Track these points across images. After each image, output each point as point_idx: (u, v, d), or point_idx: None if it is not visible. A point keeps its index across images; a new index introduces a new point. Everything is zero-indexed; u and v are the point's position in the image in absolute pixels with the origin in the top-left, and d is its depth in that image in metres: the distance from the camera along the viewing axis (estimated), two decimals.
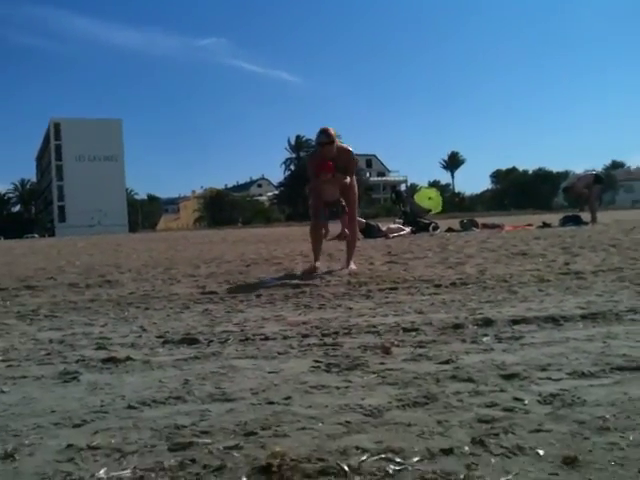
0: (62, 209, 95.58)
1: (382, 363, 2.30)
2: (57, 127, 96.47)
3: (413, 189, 28.94)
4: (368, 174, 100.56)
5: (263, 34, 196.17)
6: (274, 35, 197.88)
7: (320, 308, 3.79)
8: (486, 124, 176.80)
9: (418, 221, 15.36)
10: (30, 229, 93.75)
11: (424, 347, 2.54)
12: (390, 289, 4.47)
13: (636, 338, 2.53)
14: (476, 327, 2.91)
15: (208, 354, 2.60)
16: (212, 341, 2.88)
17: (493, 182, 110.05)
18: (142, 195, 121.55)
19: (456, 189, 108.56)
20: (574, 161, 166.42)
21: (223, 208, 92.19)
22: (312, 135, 6.08)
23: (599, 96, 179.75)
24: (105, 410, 1.87)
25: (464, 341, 2.64)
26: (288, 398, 1.91)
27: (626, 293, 3.75)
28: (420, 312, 3.42)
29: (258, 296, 4.43)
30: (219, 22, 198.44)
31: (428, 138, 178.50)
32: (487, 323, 2.97)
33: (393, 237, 12.92)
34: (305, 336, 2.90)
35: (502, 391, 1.89)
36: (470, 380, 2.02)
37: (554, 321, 2.96)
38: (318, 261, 6.07)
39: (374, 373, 2.16)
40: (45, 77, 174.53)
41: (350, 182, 6.01)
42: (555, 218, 16.89)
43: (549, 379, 2.00)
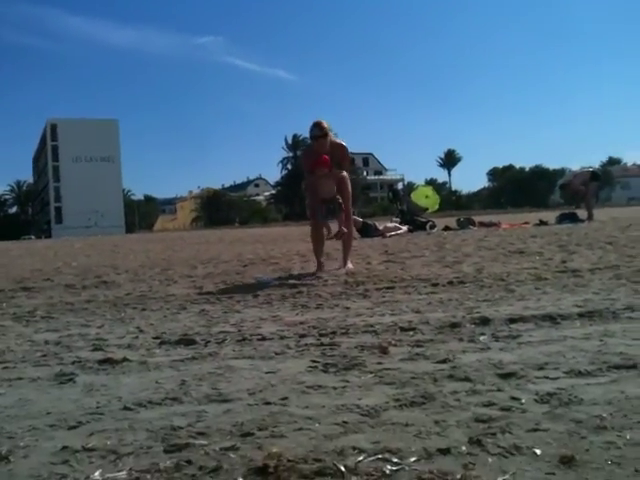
0: (59, 210, 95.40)
1: (379, 363, 2.30)
2: (54, 128, 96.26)
3: (410, 188, 29.00)
4: (365, 173, 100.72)
5: (259, 32, 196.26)
6: (270, 33, 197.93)
7: (317, 308, 3.78)
8: (482, 122, 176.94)
9: (415, 220, 15.36)
10: (27, 230, 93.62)
11: (421, 346, 2.54)
12: (387, 288, 4.47)
13: (633, 336, 2.52)
14: (473, 326, 2.91)
15: (205, 355, 2.59)
16: (209, 342, 2.87)
17: (490, 180, 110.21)
18: (139, 196, 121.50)
19: (453, 187, 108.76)
20: (571, 158, 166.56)
21: (220, 208, 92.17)
22: (308, 133, 6.02)
23: (595, 93, 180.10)
24: (101, 411, 1.87)
25: (461, 340, 2.63)
26: (285, 398, 1.90)
27: (623, 291, 3.75)
28: (417, 311, 3.42)
29: (255, 296, 4.43)
30: (216, 20, 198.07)
31: (425, 136, 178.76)
32: (484, 322, 2.97)
33: (390, 236, 12.91)
34: (302, 336, 2.90)
35: (499, 390, 1.88)
36: (467, 379, 2.01)
37: (551, 319, 2.96)
38: (321, 264, 5.97)
39: (371, 373, 2.16)
40: (41, 76, 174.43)
41: (344, 178, 5.99)
42: (552, 216, 16.91)
43: (546, 378, 1.99)
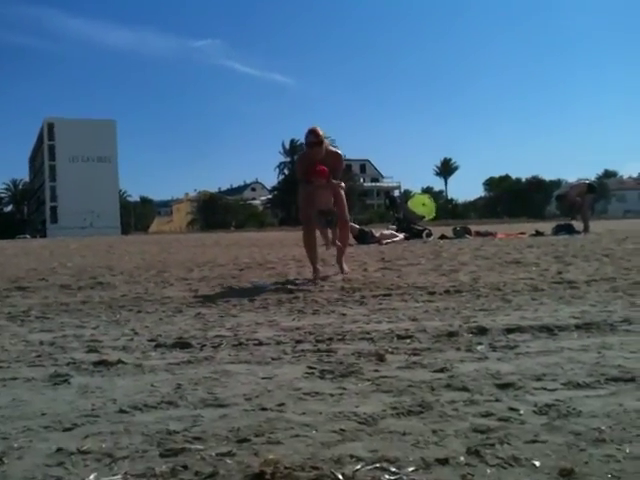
0: (54, 210, 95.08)
1: (376, 370, 2.29)
2: (51, 127, 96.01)
3: (407, 195, 28.94)
4: (362, 179, 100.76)
5: (257, 36, 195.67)
6: (268, 37, 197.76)
7: (314, 314, 3.77)
8: (479, 131, 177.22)
9: (411, 228, 15.37)
10: (22, 230, 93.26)
11: (418, 355, 2.53)
12: (384, 295, 4.46)
13: (630, 349, 2.52)
14: (470, 335, 2.90)
15: (201, 358, 2.58)
16: (205, 345, 2.85)
17: (486, 189, 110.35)
18: (135, 197, 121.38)
19: (449, 196, 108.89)
20: (567, 170, 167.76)
21: (216, 211, 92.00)
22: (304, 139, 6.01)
23: (592, 105, 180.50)
24: (96, 414, 1.85)
25: (459, 349, 2.62)
26: (282, 404, 1.89)
27: (620, 303, 3.75)
28: (414, 319, 3.41)
29: (251, 300, 4.41)
30: (214, 23, 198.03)
31: (422, 144, 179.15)
32: (481, 331, 2.96)
33: (386, 243, 12.91)
34: (299, 342, 2.88)
35: (497, 401, 1.88)
36: (465, 389, 2.00)
37: (549, 330, 2.95)
38: (317, 270, 5.89)
39: (368, 380, 2.15)
40: (38, 76, 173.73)
41: (340, 189, 5.98)
42: (548, 227, 16.95)
43: (544, 389, 1.98)
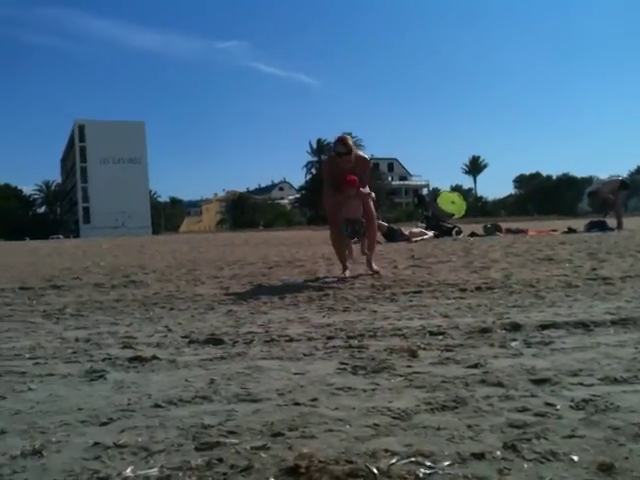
0: (87, 210, 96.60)
1: (409, 366, 2.27)
2: (81, 129, 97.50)
3: (436, 193, 28.74)
4: (390, 178, 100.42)
5: (282, 37, 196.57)
6: (294, 37, 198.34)
7: (344, 311, 3.77)
8: (508, 129, 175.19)
9: (441, 225, 15.27)
10: (55, 230, 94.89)
11: (451, 351, 2.51)
12: (414, 292, 4.44)
13: None
14: (504, 332, 2.87)
15: (233, 354, 2.59)
16: (237, 342, 2.87)
17: (516, 187, 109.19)
18: (165, 198, 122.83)
19: (478, 193, 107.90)
20: (599, 167, 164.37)
21: (245, 211, 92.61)
22: (333, 138, 6.00)
23: (624, 100, 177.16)
24: (132, 409, 1.87)
25: (492, 345, 2.60)
26: (315, 400, 1.89)
27: None
28: (446, 316, 3.38)
29: (282, 298, 4.43)
30: (240, 25, 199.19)
31: (450, 142, 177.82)
32: (515, 328, 2.92)
33: (416, 241, 12.85)
34: (330, 338, 2.88)
35: (533, 396, 1.85)
36: (500, 384, 1.98)
37: (584, 326, 2.90)
38: (347, 269, 5.88)
39: (401, 376, 2.14)
40: (67, 78, 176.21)
41: (369, 198, 5.94)
42: (580, 224, 16.70)
43: (581, 384, 1.95)
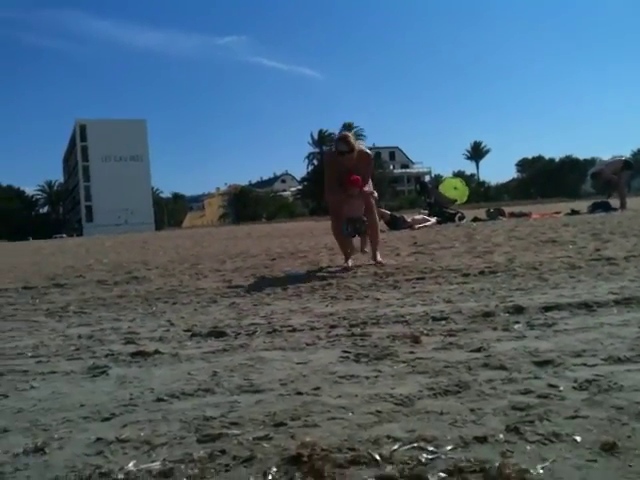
0: (89, 209, 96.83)
1: (412, 352, 2.27)
2: (83, 128, 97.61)
3: (438, 180, 28.68)
4: (391, 166, 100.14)
5: (283, 30, 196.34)
6: (294, 31, 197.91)
7: (347, 299, 3.76)
8: (511, 114, 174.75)
9: (443, 211, 15.22)
10: (58, 229, 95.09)
11: (454, 335, 2.50)
12: (417, 279, 4.43)
13: None
14: (507, 315, 2.86)
15: (236, 346, 2.59)
16: (240, 334, 2.87)
17: (519, 171, 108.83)
18: (167, 194, 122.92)
19: (481, 178, 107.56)
20: (601, 148, 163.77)
21: (247, 204, 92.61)
22: (335, 129, 6.04)
23: (624, 82, 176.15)
24: (134, 403, 1.87)
25: (495, 329, 2.59)
26: (317, 388, 1.89)
27: None
28: (449, 301, 3.37)
29: (284, 289, 4.42)
30: (239, 20, 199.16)
31: (451, 129, 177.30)
32: (518, 310, 2.91)
33: (418, 228, 12.82)
34: (333, 327, 2.88)
35: (536, 378, 1.84)
36: (503, 368, 1.97)
37: (587, 307, 2.89)
38: (350, 259, 5.86)
39: (404, 362, 2.13)
40: (70, 79, 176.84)
41: (372, 197, 5.90)
42: (583, 205, 16.63)
43: (584, 365, 1.94)
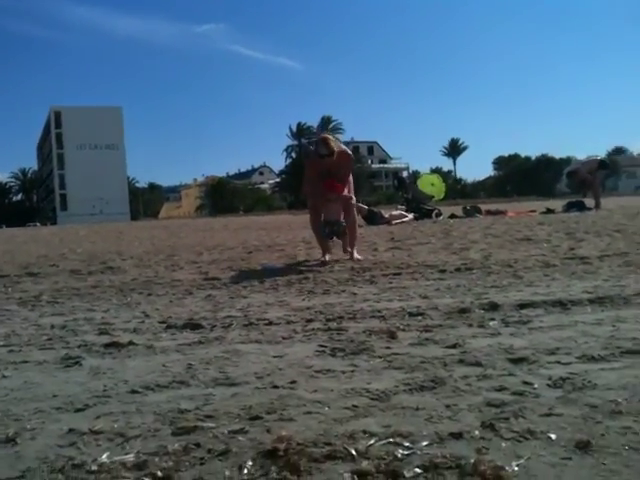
0: (64, 197, 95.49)
1: (388, 347, 2.27)
2: (57, 115, 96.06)
3: (415, 176, 28.83)
4: (369, 161, 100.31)
5: (262, 19, 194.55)
6: (274, 20, 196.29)
7: (324, 294, 3.76)
8: (487, 111, 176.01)
9: (421, 207, 15.29)
10: (32, 218, 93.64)
11: (430, 331, 2.51)
12: (394, 274, 4.44)
13: None
14: (482, 311, 2.88)
15: (211, 339, 2.57)
16: (215, 326, 2.85)
17: (495, 169, 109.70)
18: (143, 184, 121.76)
19: (458, 176, 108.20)
20: (577, 147, 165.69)
21: (224, 196, 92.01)
22: (313, 122, 6.02)
23: (601, 81, 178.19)
24: (108, 394, 1.85)
25: (471, 325, 2.61)
26: (293, 382, 1.88)
27: (633, 277, 3.71)
28: (425, 297, 3.39)
29: (261, 282, 4.41)
30: (217, 7, 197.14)
31: (429, 125, 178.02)
32: (493, 307, 2.94)
33: (396, 224, 12.86)
34: (309, 321, 2.88)
35: (511, 375, 1.86)
36: (478, 364, 1.99)
37: (561, 305, 2.93)
38: (327, 253, 5.80)
39: (380, 357, 2.14)
40: (45, 65, 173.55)
41: (350, 201, 5.88)
42: (558, 204, 16.81)
43: (558, 363, 1.97)
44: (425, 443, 1.37)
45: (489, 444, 1.36)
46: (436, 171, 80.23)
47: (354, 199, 5.98)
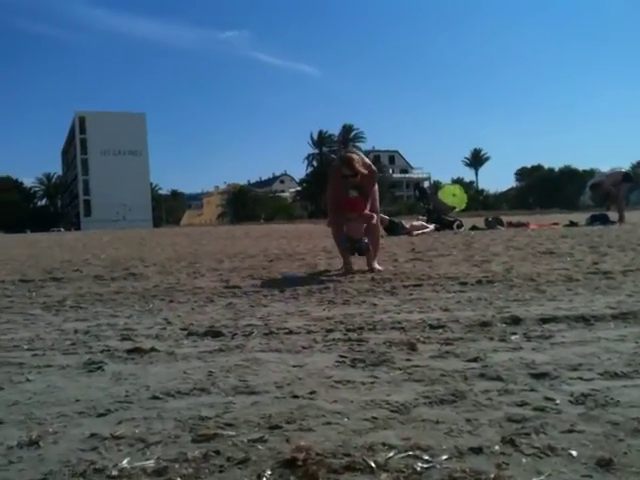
0: (88, 203, 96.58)
1: (408, 359, 2.27)
2: (82, 121, 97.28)
3: (437, 186, 28.72)
4: (391, 171, 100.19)
5: (285, 27, 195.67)
6: (296, 28, 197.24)
7: (344, 304, 3.76)
8: (510, 121, 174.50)
9: (442, 218, 15.24)
10: (56, 223, 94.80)
11: (451, 344, 2.50)
12: (415, 286, 4.43)
13: None
14: (504, 325, 2.86)
15: (232, 347, 2.58)
16: (236, 334, 2.86)
17: (518, 180, 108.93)
18: (166, 190, 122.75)
19: (480, 186, 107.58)
20: (601, 159, 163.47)
21: (246, 204, 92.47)
22: (334, 130, 5.94)
23: (625, 92, 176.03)
24: (129, 400, 1.87)
25: (492, 339, 2.59)
26: (313, 392, 1.88)
27: None
28: (446, 309, 3.37)
29: (282, 291, 4.42)
30: (241, 14, 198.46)
31: (451, 135, 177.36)
32: (515, 321, 2.91)
33: (417, 234, 12.83)
34: (329, 331, 2.88)
35: (532, 390, 1.84)
36: (499, 379, 1.97)
37: (584, 320, 2.89)
38: (349, 265, 5.75)
39: (400, 369, 2.13)
40: (68, 70, 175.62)
41: (374, 220, 5.76)
42: (581, 217, 16.66)
43: (581, 379, 1.94)
44: (445, 457, 1.37)
45: (509, 459, 1.35)
46: (458, 182, 79.91)
47: (375, 218, 5.79)
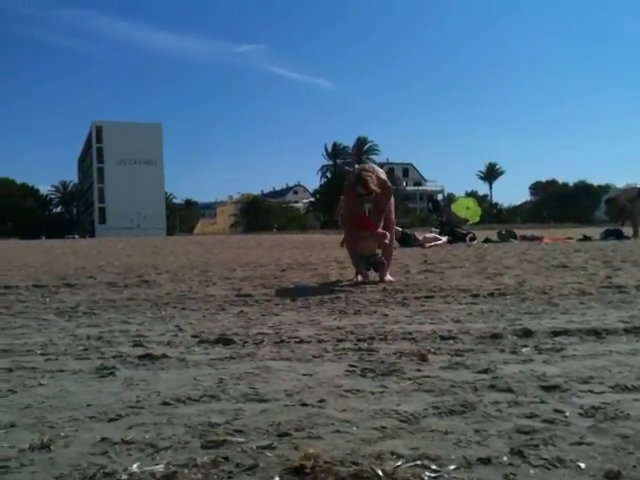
0: (103, 211, 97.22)
1: (418, 370, 2.27)
2: (99, 130, 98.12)
3: (450, 199, 28.66)
4: (404, 183, 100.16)
5: (301, 41, 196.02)
6: (312, 42, 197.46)
7: (355, 314, 3.76)
8: (525, 135, 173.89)
9: (455, 231, 15.22)
10: (71, 230, 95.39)
11: (461, 355, 2.50)
12: (426, 297, 4.42)
13: None
14: (515, 337, 2.85)
15: (243, 355, 2.60)
16: (247, 342, 2.88)
17: (532, 194, 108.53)
18: (180, 199, 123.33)
19: (494, 200, 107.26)
20: (616, 175, 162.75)
21: (259, 214, 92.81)
22: (348, 141, 5.91)
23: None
24: (140, 405, 1.88)
25: (503, 351, 2.58)
26: (322, 401, 1.89)
27: None
28: (457, 321, 3.37)
29: (293, 300, 4.43)
30: (258, 29, 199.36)
31: (465, 148, 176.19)
32: (527, 334, 2.91)
33: (429, 246, 12.81)
34: (340, 340, 2.88)
35: (542, 402, 1.84)
36: (509, 390, 1.97)
37: (596, 334, 2.88)
38: (360, 274, 5.78)
39: (410, 379, 2.13)
40: (84, 79, 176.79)
41: (387, 238, 5.69)
42: (596, 232, 16.57)
43: (591, 392, 1.94)
44: (453, 467, 1.37)
45: (517, 471, 1.35)
46: (471, 195, 79.66)
47: (388, 236, 5.71)
